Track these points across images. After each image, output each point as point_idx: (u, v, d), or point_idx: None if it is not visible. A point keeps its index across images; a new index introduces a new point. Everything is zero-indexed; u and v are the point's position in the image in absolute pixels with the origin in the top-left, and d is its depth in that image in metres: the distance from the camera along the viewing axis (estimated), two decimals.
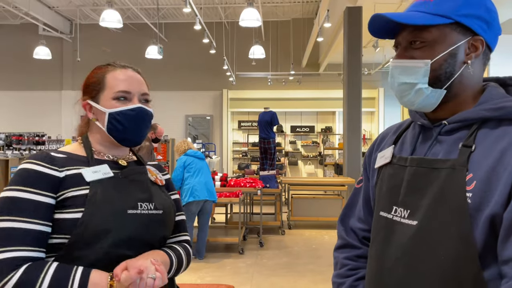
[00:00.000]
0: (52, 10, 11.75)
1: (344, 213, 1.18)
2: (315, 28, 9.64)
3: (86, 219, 1.02)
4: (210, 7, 11.71)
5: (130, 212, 1.08)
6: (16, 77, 13.00)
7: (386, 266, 0.95)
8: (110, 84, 1.15)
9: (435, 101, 0.93)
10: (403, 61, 0.93)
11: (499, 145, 0.84)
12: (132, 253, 1.06)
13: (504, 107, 0.88)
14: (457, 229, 0.84)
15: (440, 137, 0.94)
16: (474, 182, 0.84)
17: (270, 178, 7.14)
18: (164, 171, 1.33)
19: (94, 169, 1.10)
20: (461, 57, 0.91)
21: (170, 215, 1.20)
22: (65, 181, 1.06)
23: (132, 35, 12.30)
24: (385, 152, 1.04)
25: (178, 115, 12.96)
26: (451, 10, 0.89)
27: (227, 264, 5.02)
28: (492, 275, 0.82)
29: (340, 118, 12.43)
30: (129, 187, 1.13)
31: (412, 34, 0.92)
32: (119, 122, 1.13)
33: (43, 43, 9.99)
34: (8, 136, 8.83)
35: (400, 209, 0.94)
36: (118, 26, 6.91)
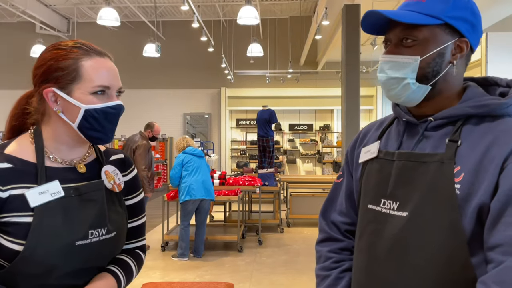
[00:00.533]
0: (49, 8, 11.71)
1: (325, 207, 1.20)
2: (313, 26, 9.63)
3: (27, 254, 0.92)
4: (208, 5, 11.69)
5: (79, 243, 0.97)
6: (13, 75, 12.93)
7: (379, 257, 0.97)
8: (87, 76, 0.99)
9: (420, 96, 0.97)
10: (394, 57, 0.97)
11: (485, 140, 0.90)
12: (80, 281, 1.01)
13: (487, 105, 0.93)
14: (447, 219, 0.88)
15: (427, 132, 0.98)
16: (462, 174, 0.89)
17: (269, 176, 7.14)
18: (128, 168, 1.16)
19: (41, 190, 0.96)
20: (448, 56, 0.96)
21: (122, 235, 1.09)
22: (8, 202, 0.94)
23: (129, 33, 12.27)
24: (370, 147, 1.07)
25: (176, 113, 12.95)
26: (442, 12, 0.94)
27: (226, 262, 5.02)
28: (479, 261, 0.86)
29: (338, 116, 12.45)
30: (80, 211, 1.00)
31: (404, 32, 0.96)
32: (96, 120, 0.99)
33: (40, 42, 9.97)
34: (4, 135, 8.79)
35: (389, 202, 0.97)
36: (115, 24, 6.89)
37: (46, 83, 1.00)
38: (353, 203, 1.13)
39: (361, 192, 1.07)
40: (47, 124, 1.04)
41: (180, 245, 5.04)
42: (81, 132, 1.01)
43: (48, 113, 1.03)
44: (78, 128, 1.00)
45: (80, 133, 1.01)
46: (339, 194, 1.17)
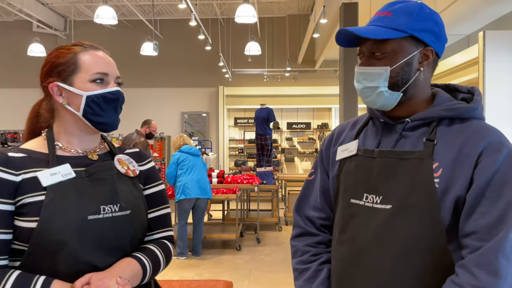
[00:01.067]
0: (46, 6, 11.66)
1: (298, 204, 1.25)
2: (311, 24, 9.63)
3: (41, 229, 0.96)
4: (205, 4, 11.67)
5: (91, 218, 1.01)
6: (10, 74, 12.91)
7: (363, 247, 1.04)
8: (85, 66, 1.07)
9: (393, 102, 1.07)
10: (367, 68, 1.07)
11: (457, 140, 1.01)
12: (97, 260, 1.01)
13: (458, 108, 1.05)
14: (427, 210, 0.98)
15: (405, 132, 1.08)
16: (441, 170, 0.99)
17: (267, 174, 7.15)
18: (144, 160, 1.22)
19: (53, 171, 1.02)
20: (415, 65, 1.06)
21: (139, 213, 1.11)
22: (22, 185, 1.00)
23: (127, 31, 12.24)
24: (348, 145, 1.15)
25: (174, 112, 12.92)
26: (406, 25, 1.03)
27: (224, 260, 5.03)
28: (454, 247, 0.98)
29: (336, 115, 12.45)
30: (91, 189, 1.04)
31: (373, 46, 1.05)
32: (98, 105, 1.06)
33: (37, 40, 9.92)
34: (3, 134, 8.78)
35: (372, 196, 1.05)
36: (113, 22, 6.87)
37: (49, 78, 1.09)
38: (328, 199, 1.19)
39: (340, 188, 1.13)
40: (57, 120, 1.11)
41: (178, 244, 5.05)
42: (86, 119, 1.07)
43: (57, 108, 1.11)
44: (83, 115, 1.07)
45: (86, 121, 1.08)
46: (312, 190, 1.23)
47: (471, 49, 6.96)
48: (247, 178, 6.13)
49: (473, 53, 6.78)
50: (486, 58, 6.16)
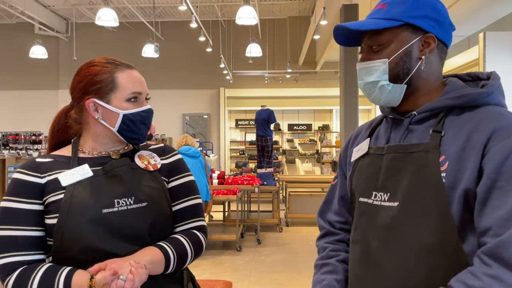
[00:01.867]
0: (48, 9, 11.71)
1: (322, 209, 1.26)
2: (312, 26, 9.65)
3: (61, 225, 1.05)
4: (206, 6, 11.70)
5: (105, 211, 1.07)
6: (12, 76, 12.96)
7: (372, 247, 1.00)
8: (122, 85, 1.15)
9: (398, 96, 1.03)
10: (366, 63, 1.03)
11: (465, 129, 0.93)
12: (116, 249, 1.06)
13: (466, 95, 0.97)
14: (436, 206, 0.91)
15: (411, 126, 1.02)
16: (447, 163, 0.92)
17: (268, 175, 7.15)
18: (169, 154, 1.27)
19: (72, 172, 1.11)
20: (415, 54, 1.00)
21: (157, 205, 1.14)
22: (47, 186, 1.10)
23: (128, 33, 12.28)
24: (361, 145, 1.13)
25: (175, 114, 12.95)
26: (401, 14, 0.99)
27: (225, 261, 5.04)
28: (471, 248, 0.89)
29: (337, 116, 12.46)
30: (106, 185, 1.11)
31: (370, 40, 1.03)
32: (133, 122, 1.15)
33: (39, 42, 9.96)
34: (4, 136, 8.81)
35: (380, 194, 1.01)
36: (114, 24, 6.90)
37: (87, 95, 1.15)
38: (345, 203, 1.19)
39: (352, 188, 1.11)
40: (87, 130, 1.20)
41: None
42: (120, 134, 1.16)
43: (87, 121, 1.18)
44: (118, 131, 1.16)
45: (119, 136, 1.17)
46: (335, 195, 1.23)
47: (472, 50, 6.97)
48: (247, 179, 6.14)
49: (473, 54, 6.79)
50: (486, 59, 6.16)
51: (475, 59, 6.54)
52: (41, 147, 8.74)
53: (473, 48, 6.87)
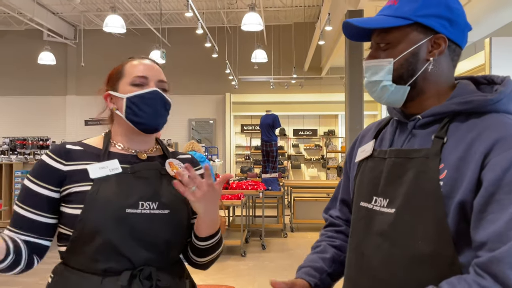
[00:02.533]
0: (56, 16, 11.86)
1: (328, 206, 1.28)
2: (317, 31, 9.68)
3: (84, 216, 1.04)
4: (212, 12, 11.79)
5: (129, 211, 1.06)
6: (21, 82, 13.12)
7: (366, 253, 0.99)
8: (127, 72, 1.16)
9: (400, 97, 0.98)
10: (372, 61, 1.00)
11: (468, 137, 0.89)
12: (131, 252, 1.05)
13: (472, 101, 0.92)
14: (432, 215, 0.88)
15: (415, 130, 0.99)
16: (446, 171, 0.88)
17: (272, 180, 7.16)
18: (196, 166, 1.27)
19: (101, 165, 1.10)
20: (423, 55, 0.96)
21: (178, 214, 1.13)
22: (70, 175, 1.09)
23: (135, 40, 12.39)
24: (365, 146, 1.10)
25: (181, 119, 13.01)
26: (411, 12, 0.94)
27: (229, 266, 5.04)
28: (467, 260, 0.85)
29: (343, 121, 12.44)
30: (133, 185, 1.10)
31: (378, 37, 0.98)
32: (136, 105, 1.12)
33: (47, 49, 10.09)
34: (12, 141, 8.91)
35: (380, 199, 0.98)
36: (121, 31, 6.98)
37: (106, 90, 1.19)
38: (346, 205, 1.20)
39: (355, 191, 1.09)
40: (114, 123, 1.21)
41: None
42: (129, 121, 1.14)
43: (113, 115, 1.20)
44: (126, 117, 1.14)
45: (129, 123, 1.14)
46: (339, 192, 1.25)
47: (478, 56, 6.94)
48: (252, 184, 6.15)
49: (479, 59, 6.76)
50: (492, 65, 6.13)
51: (481, 65, 6.52)
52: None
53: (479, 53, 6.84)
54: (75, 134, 12.66)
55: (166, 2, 11.09)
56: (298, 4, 11.32)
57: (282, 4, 11.34)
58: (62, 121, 13.11)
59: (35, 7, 10.27)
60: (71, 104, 13.05)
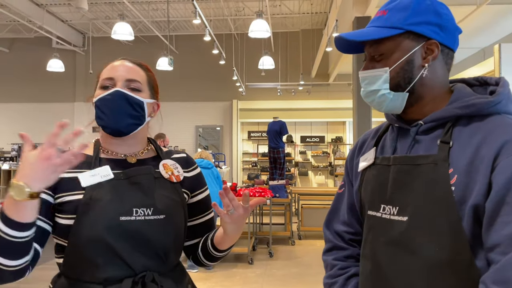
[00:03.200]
0: (65, 23, 12.00)
1: (329, 218, 1.21)
2: (324, 38, 9.68)
3: (78, 227, 1.02)
4: (220, 19, 11.85)
5: (123, 219, 1.03)
6: (30, 89, 13.26)
7: (381, 263, 0.97)
8: (100, 76, 1.15)
9: (400, 104, 1.00)
10: (367, 72, 1.01)
11: (474, 140, 0.89)
12: (130, 259, 1.04)
13: (474, 104, 0.93)
14: (447, 221, 0.88)
15: (418, 136, 0.99)
16: (456, 176, 0.89)
17: (280, 187, 7.12)
18: (191, 166, 1.24)
19: (92, 173, 1.06)
20: (418, 62, 0.97)
21: (174, 219, 1.11)
22: (62, 184, 1.04)
23: (143, 47, 12.48)
24: (367, 155, 1.09)
25: (189, 125, 13.05)
26: (401, 21, 0.96)
27: (236, 274, 5.00)
28: (483, 263, 0.86)
29: (350, 128, 12.40)
30: (126, 191, 1.07)
31: (371, 48, 1.00)
32: (99, 108, 1.10)
33: (56, 56, 10.19)
34: (21, 147, 8.97)
35: (389, 207, 0.98)
36: (129, 38, 7.02)
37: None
38: (355, 213, 1.14)
39: (361, 200, 1.07)
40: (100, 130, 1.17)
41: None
42: (98, 125, 1.11)
43: None
44: (96, 122, 1.11)
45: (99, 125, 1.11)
46: (342, 204, 1.19)
47: (487, 62, 6.89)
48: (259, 191, 6.12)
49: (489, 66, 6.71)
50: (502, 71, 6.08)
51: (491, 71, 6.47)
52: None
53: (488, 59, 6.80)
54: (83, 140, 12.70)
55: (173, 9, 11.17)
56: (305, 11, 11.34)
57: (290, 11, 11.37)
58: (70, 128, 12.99)
59: (44, 15, 10.40)
60: (79, 111, 13.14)
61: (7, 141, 11.86)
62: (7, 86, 13.26)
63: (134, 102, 1.11)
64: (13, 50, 13.34)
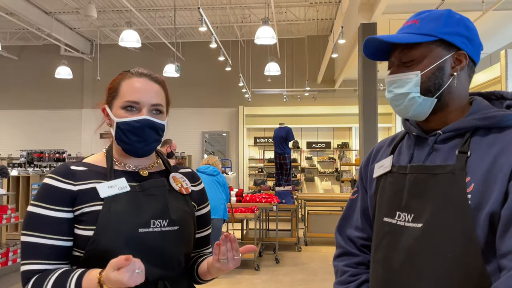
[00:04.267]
0: (73, 31, 12.14)
1: (341, 223, 1.23)
2: (330, 44, 9.70)
3: (97, 238, 1.03)
4: (226, 26, 11.93)
5: (141, 230, 1.06)
6: (39, 96, 13.39)
7: (394, 268, 0.99)
8: (122, 92, 1.13)
9: (427, 109, 1.02)
10: (397, 75, 1.03)
11: (492, 150, 0.93)
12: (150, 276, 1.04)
13: (494, 117, 0.97)
14: (461, 228, 0.90)
15: (436, 145, 1.02)
16: (473, 185, 0.91)
17: (286, 193, 7.12)
18: (197, 181, 1.28)
19: (110, 184, 1.09)
20: (448, 69, 1.01)
21: (187, 230, 1.14)
22: (80, 195, 1.07)
23: (150, 54, 12.59)
24: (383, 162, 1.11)
25: (195, 132, 13.10)
26: (434, 29, 1.00)
27: (242, 280, 5.00)
28: (494, 269, 0.88)
29: (357, 134, 12.37)
30: (143, 203, 1.10)
31: (402, 53, 1.03)
32: (123, 132, 1.11)
33: (64, 63, 10.30)
34: (29, 153, 9.06)
35: (404, 214, 1.00)
36: (136, 45, 7.09)
37: (104, 102, 1.18)
38: (368, 219, 1.16)
39: (376, 206, 1.09)
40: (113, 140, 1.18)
41: None
42: (119, 145, 1.13)
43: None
44: (116, 140, 1.13)
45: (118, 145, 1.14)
46: (355, 210, 1.21)
47: (493, 68, 6.87)
48: (265, 197, 6.12)
49: (495, 71, 6.69)
50: (508, 76, 6.06)
51: (497, 77, 6.45)
52: None
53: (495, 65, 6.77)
54: (90, 147, 12.82)
55: (180, 17, 11.27)
56: (311, 17, 11.38)
57: (295, 17, 11.42)
58: (78, 134, 13.29)
59: (53, 23, 10.53)
60: (87, 117, 13.25)
61: (15, 147, 11.99)
62: (16, 93, 13.41)
63: (159, 128, 1.14)
64: (22, 58, 13.50)
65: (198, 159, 12.69)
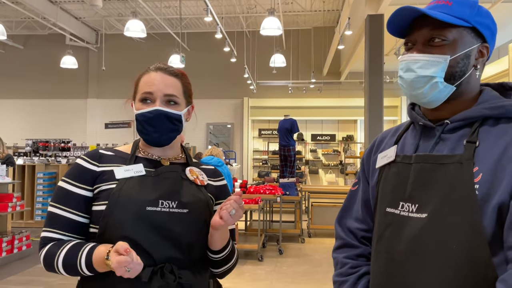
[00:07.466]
0: (79, 20, 12.12)
1: (341, 215, 1.22)
2: (336, 36, 9.63)
3: (107, 212, 1.11)
4: (231, 17, 11.86)
5: (149, 209, 1.11)
6: (44, 85, 13.43)
7: (397, 260, 0.97)
8: (140, 87, 1.21)
9: (444, 97, 0.99)
10: (424, 56, 0.98)
11: (502, 140, 0.91)
12: (151, 250, 1.08)
13: (503, 106, 0.96)
14: (467, 219, 0.88)
15: (443, 135, 0.99)
16: (481, 175, 0.89)
17: (290, 185, 7.12)
18: (219, 177, 1.32)
19: (127, 168, 1.17)
20: (472, 59, 0.99)
21: (197, 214, 1.16)
22: (101, 175, 1.17)
23: (155, 44, 12.56)
24: (387, 152, 1.09)
25: (199, 123, 13.10)
26: (468, 15, 0.97)
27: (246, 271, 5.02)
28: (500, 261, 0.86)
29: (362, 127, 12.33)
30: (154, 184, 1.16)
31: (433, 32, 0.97)
32: (140, 124, 1.19)
33: (69, 53, 10.31)
34: (35, 143, 9.10)
35: (408, 204, 0.98)
36: (142, 35, 7.07)
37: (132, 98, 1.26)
38: (369, 210, 1.14)
39: (378, 197, 1.07)
40: None
41: None
42: (140, 135, 1.22)
43: None
44: (137, 130, 1.21)
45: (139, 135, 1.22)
46: (355, 201, 1.19)
47: (501, 61, 6.81)
48: (269, 189, 6.13)
49: (503, 64, 6.63)
50: None
51: (505, 70, 6.39)
52: (69, 154, 8.98)
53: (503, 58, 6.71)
54: (95, 136, 12.87)
55: (186, 7, 11.21)
56: (317, 8, 11.29)
57: (302, 8, 11.33)
58: (83, 124, 13.34)
59: (58, 12, 10.52)
60: (92, 107, 13.28)
61: (21, 136, 12.05)
62: (21, 82, 13.46)
63: (174, 118, 1.20)
64: (27, 47, 13.52)
65: (203, 150, 12.70)
